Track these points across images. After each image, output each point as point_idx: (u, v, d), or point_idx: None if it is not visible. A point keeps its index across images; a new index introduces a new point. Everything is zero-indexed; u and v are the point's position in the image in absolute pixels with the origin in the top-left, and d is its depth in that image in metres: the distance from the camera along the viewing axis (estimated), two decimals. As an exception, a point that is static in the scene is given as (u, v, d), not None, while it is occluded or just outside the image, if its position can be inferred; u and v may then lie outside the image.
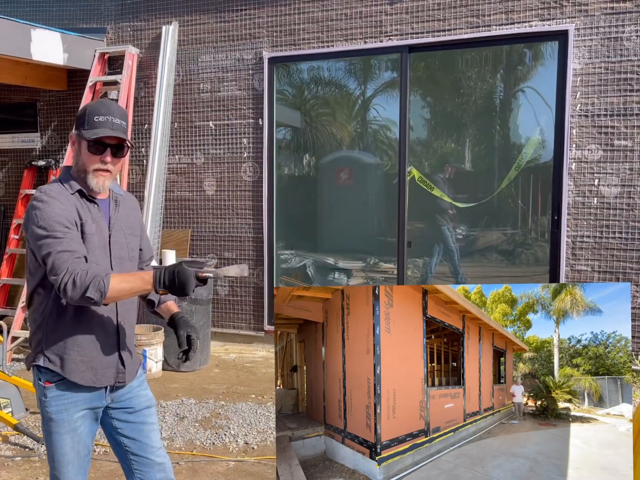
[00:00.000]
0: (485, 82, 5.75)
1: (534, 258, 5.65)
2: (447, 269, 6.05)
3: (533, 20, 5.16)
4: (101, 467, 3.71)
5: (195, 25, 6.35)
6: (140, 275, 2.16)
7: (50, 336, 2.22)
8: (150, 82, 6.57)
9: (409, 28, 5.54)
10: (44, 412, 2.29)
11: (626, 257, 4.99)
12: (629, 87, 4.91)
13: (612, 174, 4.99)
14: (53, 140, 7.14)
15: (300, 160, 6.53)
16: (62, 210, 2.15)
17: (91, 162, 2.20)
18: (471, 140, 5.97)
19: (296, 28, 5.94)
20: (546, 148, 5.39)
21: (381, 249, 6.15)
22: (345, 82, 6.25)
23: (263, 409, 4.61)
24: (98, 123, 2.18)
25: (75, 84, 6.90)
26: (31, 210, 2.16)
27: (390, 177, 5.94)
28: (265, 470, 3.64)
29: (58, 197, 2.17)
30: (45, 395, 2.25)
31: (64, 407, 2.25)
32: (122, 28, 6.71)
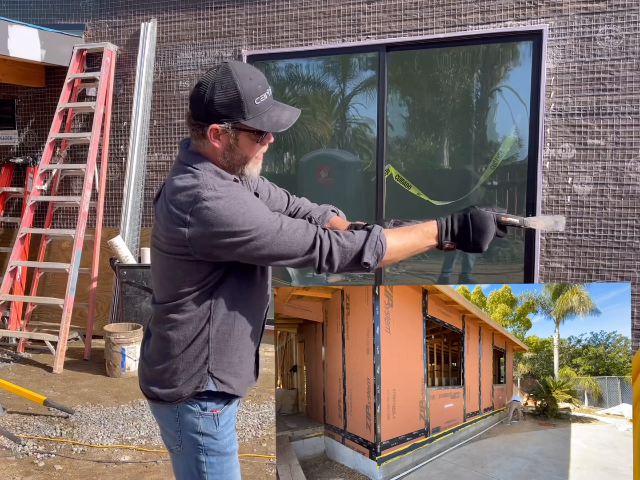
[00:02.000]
0: (462, 82, 5.80)
1: (510, 255, 5.73)
2: (424, 266, 6.11)
3: (508, 20, 5.21)
4: (79, 467, 3.72)
5: (174, 22, 6.34)
6: (421, 227, 1.77)
7: (221, 354, 1.87)
8: (129, 79, 6.55)
9: (386, 27, 5.58)
10: (213, 447, 1.89)
11: (599, 255, 5.07)
12: (602, 87, 4.99)
13: (585, 172, 5.07)
14: (31, 137, 7.10)
15: (280, 158, 6.55)
16: (247, 192, 1.78)
17: (254, 151, 1.82)
18: (448, 139, 6.03)
19: (275, 26, 5.95)
20: (522, 147, 5.46)
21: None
22: (324, 80, 6.28)
23: (241, 407, 4.64)
24: (262, 105, 1.75)
25: (54, 80, 6.85)
26: (209, 213, 1.70)
27: (369, 175, 5.98)
28: (243, 467, 3.68)
29: (231, 184, 1.76)
30: (217, 425, 1.88)
31: (233, 435, 1.94)
32: (100, 25, 6.68)
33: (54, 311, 6.53)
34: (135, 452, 3.90)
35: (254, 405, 4.69)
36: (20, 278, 6.37)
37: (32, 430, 4.22)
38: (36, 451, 3.90)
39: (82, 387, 5.13)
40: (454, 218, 1.73)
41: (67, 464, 3.74)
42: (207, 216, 1.70)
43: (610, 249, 5.04)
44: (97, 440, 4.06)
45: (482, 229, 1.68)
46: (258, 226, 1.71)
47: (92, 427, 4.27)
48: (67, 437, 4.11)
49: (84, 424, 4.31)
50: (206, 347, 1.86)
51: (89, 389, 5.08)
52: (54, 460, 3.79)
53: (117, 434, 4.16)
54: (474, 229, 1.69)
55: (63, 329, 5.66)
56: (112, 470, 3.68)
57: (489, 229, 1.67)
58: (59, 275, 6.50)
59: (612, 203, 5.01)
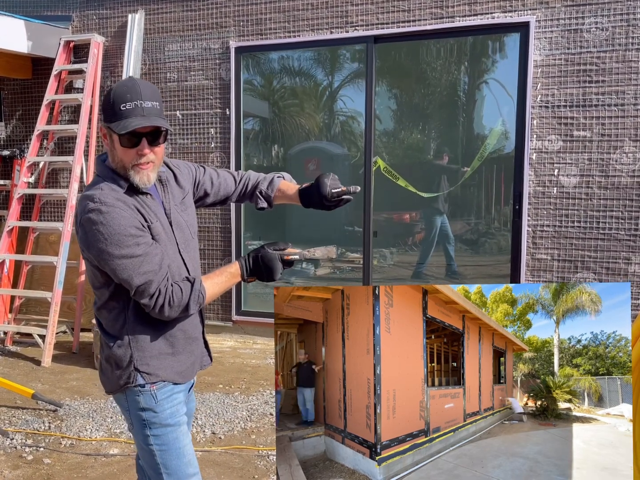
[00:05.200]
0: (450, 74, 5.80)
1: (497, 247, 5.76)
2: (413, 258, 6.13)
3: (495, 12, 5.22)
4: (67, 460, 3.73)
5: (162, 13, 6.30)
6: (228, 270, 2.06)
7: (141, 351, 2.04)
8: (116, 71, 6.51)
9: (374, 18, 5.57)
10: (154, 420, 2.05)
11: (584, 246, 5.11)
12: (588, 79, 5.01)
13: (571, 164, 5.10)
14: (18, 129, 7.05)
15: (268, 150, 6.54)
16: (128, 219, 1.90)
17: (128, 157, 1.93)
18: (436, 131, 6.04)
19: (263, 18, 5.93)
20: (509, 139, 5.48)
21: (348, 239, 6.21)
22: (312, 72, 6.27)
23: (230, 399, 4.66)
24: (126, 112, 1.88)
25: (40, 72, 6.81)
26: (90, 226, 1.89)
27: (357, 167, 5.98)
28: (232, 459, 3.70)
29: (117, 204, 1.90)
30: (155, 399, 2.05)
31: (175, 408, 2.10)
32: (87, 16, 6.63)
33: (42, 304, 6.51)
34: (124, 445, 3.91)
35: (243, 397, 4.71)
36: (8, 271, 6.34)
37: (21, 424, 4.22)
38: (24, 445, 3.90)
39: (70, 380, 5.14)
40: (250, 259, 2.04)
41: (55, 458, 3.75)
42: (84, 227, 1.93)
43: (596, 240, 5.07)
44: (86, 434, 4.07)
45: (270, 267, 2.02)
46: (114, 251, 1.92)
47: (81, 420, 4.28)
48: (56, 431, 4.11)
49: (72, 417, 4.32)
50: (129, 344, 2.03)
51: (77, 382, 5.09)
52: (42, 454, 3.79)
53: (106, 427, 4.17)
54: (264, 266, 2.02)
55: (51, 322, 5.65)
56: (101, 464, 3.69)
57: (275, 266, 2.02)
58: (46, 268, 6.48)
59: (597, 194, 5.04)
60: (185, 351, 2.13)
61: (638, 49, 4.86)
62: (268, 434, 4.04)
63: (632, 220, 4.96)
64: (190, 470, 2.09)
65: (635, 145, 4.92)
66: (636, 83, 4.88)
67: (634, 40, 4.87)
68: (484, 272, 5.82)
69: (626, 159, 4.95)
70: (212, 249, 6.22)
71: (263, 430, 4.12)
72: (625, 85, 4.91)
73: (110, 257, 1.89)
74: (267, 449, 3.81)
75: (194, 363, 2.19)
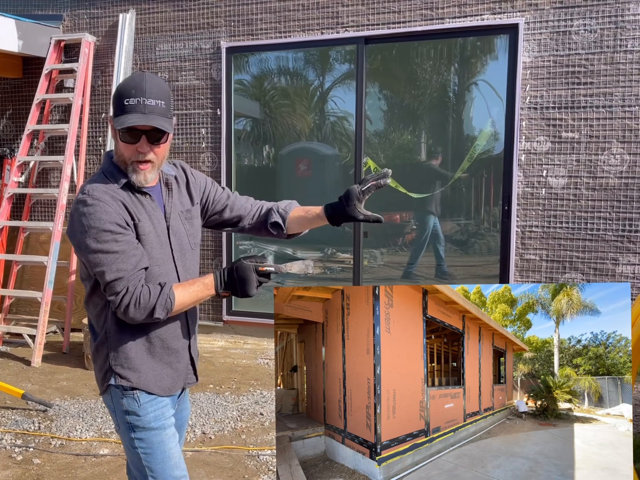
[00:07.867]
0: (440, 75, 5.83)
1: (487, 247, 5.79)
2: (403, 259, 6.16)
3: (485, 13, 5.25)
4: (57, 460, 3.74)
5: (153, 13, 6.30)
6: (201, 280, 1.99)
7: (117, 351, 2.02)
8: (107, 70, 6.50)
9: (364, 19, 5.59)
10: (138, 424, 2.04)
11: (572, 247, 5.15)
12: (577, 80, 5.05)
13: (560, 165, 5.14)
14: (8, 128, 7.03)
15: (259, 151, 6.56)
16: (111, 215, 1.90)
17: (128, 153, 1.95)
18: (426, 132, 6.07)
19: (254, 18, 5.94)
20: (498, 140, 5.51)
21: (338, 239, 6.23)
22: (303, 73, 6.28)
23: (221, 399, 4.67)
24: (128, 107, 1.88)
25: (31, 71, 6.79)
26: (76, 216, 1.93)
27: (348, 168, 6.01)
28: (222, 459, 3.71)
29: (103, 198, 1.92)
30: (138, 402, 2.03)
31: (159, 411, 2.07)
32: (78, 15, 6.62)
33: (32, 304, 6.50)
34: (114, 445, 3.91)
35: (233, 397, 4.72)
36: (-2, 271, 6.33)
37: (10, 424, 4.22)
38: (14, 445, 3.90)
39: (60, 381, 5.13)
40: (225, 271, 1.97)
41: (45, 458, 3.75)
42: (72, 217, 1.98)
43: (584, 240, 5.12)
44: (76, 434, 4.07)
45: (244, 278, 1.94)
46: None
47: (71, 420, 4.28)
48: (46, 431, 4.12)
49: (62, 418, 4.32)
50: (107, 342, 2.03)
51: (67, 382, 5.09)
52: (32, 454, 3.79)
53: (96, 427, 4.17)
54: (238, 278, 1.95)
55: (41, 322, 5.65)
56: (91, 464, 3.69)
57: (249, 277, 1.94)
58: (37, 268, 6.46)
59: (585, 195, 5.09)
60: (163, 362, 2.08)
61: (626, 51, 4.91)
62: (258, 434, 4.06)
63: (619, 221, 5.01)
64: (177, 473, 2.08)
65: (622, 146, 4.96)
66: (624, 85, 4.92)
67: (622, 42, 4.91)
68: (473, 272, 5.86)
69: (614, 161, 4.99)
70: (203, 249, 6.23)
71: (253, 430, 4.14)
72: (613, 87, 4.95)
73: (87, 249, 1.90)
74: (257, 449, 3.82)
75: (177, 378, 2.14)
